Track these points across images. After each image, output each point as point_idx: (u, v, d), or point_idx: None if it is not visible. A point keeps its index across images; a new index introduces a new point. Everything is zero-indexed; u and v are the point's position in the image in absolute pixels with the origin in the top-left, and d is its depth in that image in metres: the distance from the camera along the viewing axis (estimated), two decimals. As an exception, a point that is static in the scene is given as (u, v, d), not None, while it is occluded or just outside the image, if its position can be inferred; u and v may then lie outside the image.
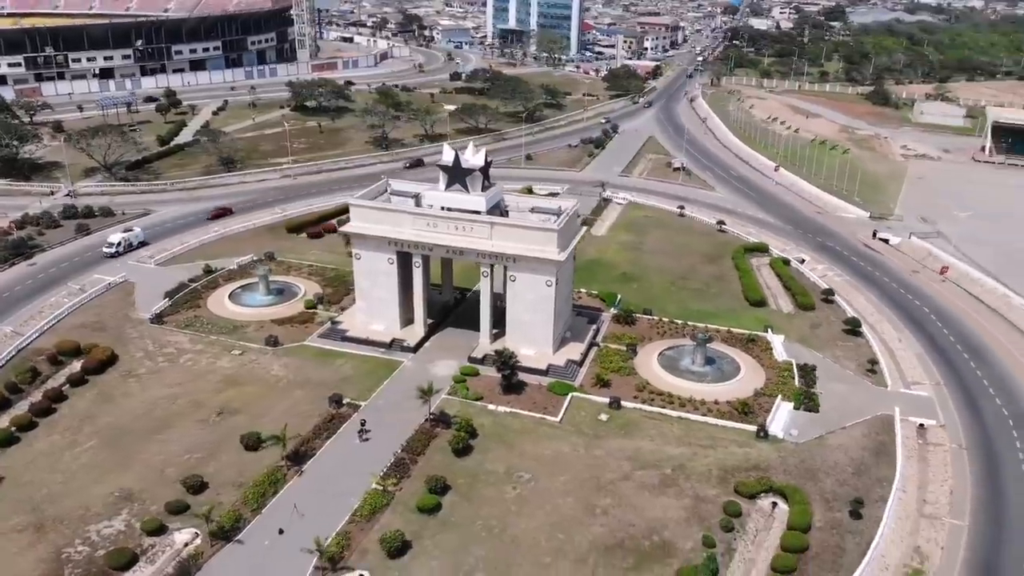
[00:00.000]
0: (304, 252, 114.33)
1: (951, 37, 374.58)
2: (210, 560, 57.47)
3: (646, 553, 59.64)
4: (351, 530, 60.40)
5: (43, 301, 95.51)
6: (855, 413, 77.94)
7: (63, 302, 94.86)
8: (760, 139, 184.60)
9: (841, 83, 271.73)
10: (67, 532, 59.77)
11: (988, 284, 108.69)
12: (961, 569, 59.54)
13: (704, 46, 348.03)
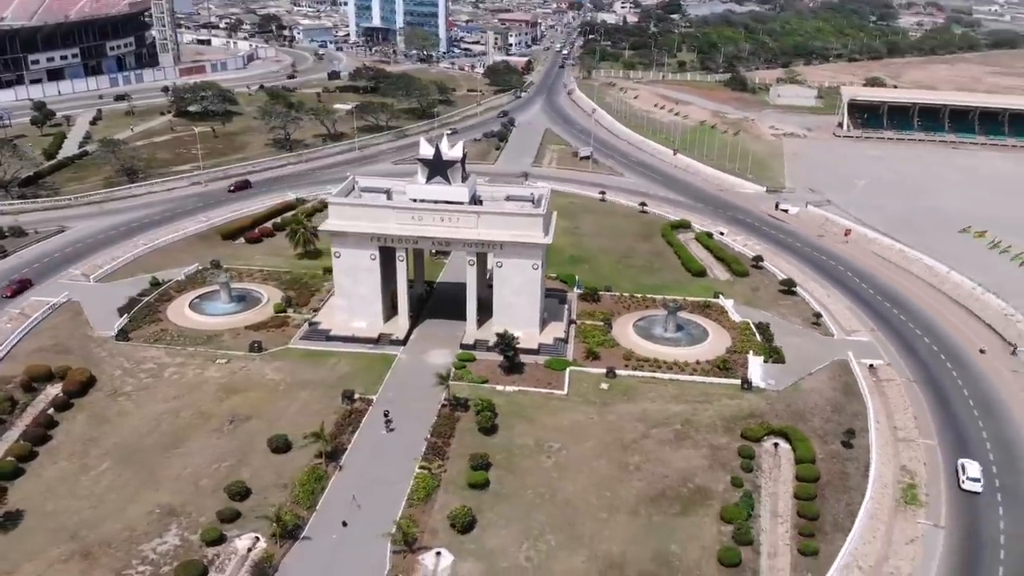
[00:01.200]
0: (249, 258, 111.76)
1: (781, 25, 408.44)
2: (283, 560, 57.56)
3: (687, 499, 65.34)
4: (413, 513, 62.14)
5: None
6: (815, 360, 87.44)
7: (7, 327, 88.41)
8: (647, 127, 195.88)
9: (698, 72, 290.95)
10: (119, 555, 57.79)
11: (885, 242, 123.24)
12: (944, 479, 69.53)
13: (564, 41, 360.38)
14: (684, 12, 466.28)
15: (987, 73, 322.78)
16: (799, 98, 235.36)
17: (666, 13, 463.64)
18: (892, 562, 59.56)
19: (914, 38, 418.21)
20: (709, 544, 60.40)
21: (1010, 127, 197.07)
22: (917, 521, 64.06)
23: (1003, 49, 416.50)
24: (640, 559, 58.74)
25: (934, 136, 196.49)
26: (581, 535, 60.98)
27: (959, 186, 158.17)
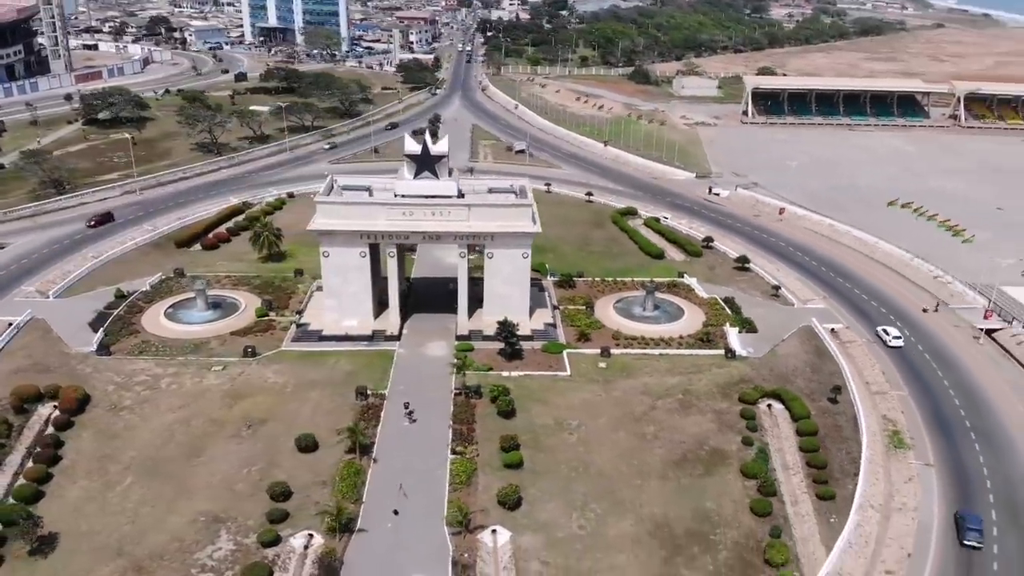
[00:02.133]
0: (211, 264, 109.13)
1: (667, 19, 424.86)
2: (346, 552, 58.26)
3: (707, 460, 70.06)
4: (459, 496, 63.91)
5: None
6: (783, 328, 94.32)
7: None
8: (569, 121, 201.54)
9: (600, 67, 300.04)
10: (175, 566, 57.01)
11: (815, 218, 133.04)
12: (923, 422, 77.35)
13: (464, 38, 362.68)
14: (572, 8, 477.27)
15: (861, 59, 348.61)
16: (701, 89, 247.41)
17: (555, 10, 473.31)
18: (898, 499, 66.21)
19: (788, 29, 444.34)
20: (739, 498, 65.29)
21: (898, 108, 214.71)
22: (909, 462, 71.20)
23: (870, 36, 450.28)
24: (682, 517, 62.89)
25: (831, 120, 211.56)
26: (622, 501, 64.57)
27: (866, 164, 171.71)
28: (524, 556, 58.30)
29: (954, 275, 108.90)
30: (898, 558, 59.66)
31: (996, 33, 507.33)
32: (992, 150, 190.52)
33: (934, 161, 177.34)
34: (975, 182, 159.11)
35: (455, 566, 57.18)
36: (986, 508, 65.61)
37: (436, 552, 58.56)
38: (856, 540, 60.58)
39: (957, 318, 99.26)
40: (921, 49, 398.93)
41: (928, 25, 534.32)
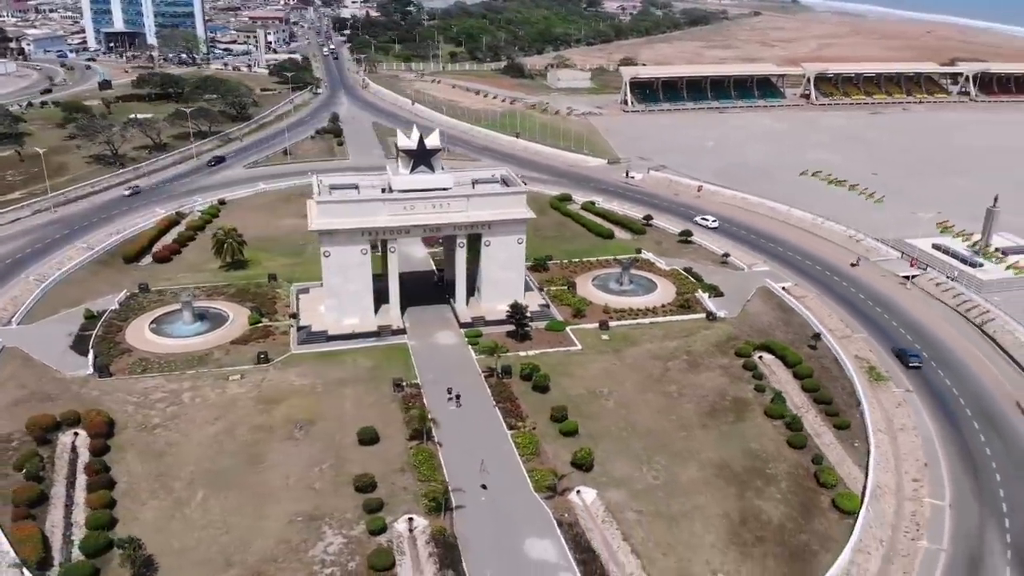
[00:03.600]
0: (172, 276, 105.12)
1: (515, 14, 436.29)
2: (453, 528, 60.64)
3: (733, 408, 77.79)
4: (534, 466, 67.72)
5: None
6: (744, 290, 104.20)
7: (-49, 387, 77.24)
8: (465, 116, 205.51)
9: (469, 62, 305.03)
10: (294, 566, 57.30)
11: (728, 193, 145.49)
12: (890, 359, 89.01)
13: (323, 37, 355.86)
14: (420, 5, 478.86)
15: (701, 48, 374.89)
16: (576, 81, 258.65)
17: (401, 7, 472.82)
18: (896, 422, 76.80)
19: (624, 22, 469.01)
20: (774, 436, 73.36)
21: (758, 90, 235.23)
22: (893, 391, 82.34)
23: (700, 26, 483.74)
24: (735, 458, 70.03)
25: (702, 104, 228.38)
26: (679, 451, 70.83)
27: (747, 142, 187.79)
28: (616, 509, 63.15)
29: (865, 232, 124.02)
30: (918, 468, 69.84)
31: (807, 18, 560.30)
32: (844, 124, 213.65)
33: (804, 136, 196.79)
34: (844, 152, 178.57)
35: (561, 526, 61.18)
36: (965, 421, 77.61)
37: (536, 517, 62.18)
38: (879, 459, 70.14)
39: (881, 269, 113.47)
40: (749, 36, 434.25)
41: (746, 13, 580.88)
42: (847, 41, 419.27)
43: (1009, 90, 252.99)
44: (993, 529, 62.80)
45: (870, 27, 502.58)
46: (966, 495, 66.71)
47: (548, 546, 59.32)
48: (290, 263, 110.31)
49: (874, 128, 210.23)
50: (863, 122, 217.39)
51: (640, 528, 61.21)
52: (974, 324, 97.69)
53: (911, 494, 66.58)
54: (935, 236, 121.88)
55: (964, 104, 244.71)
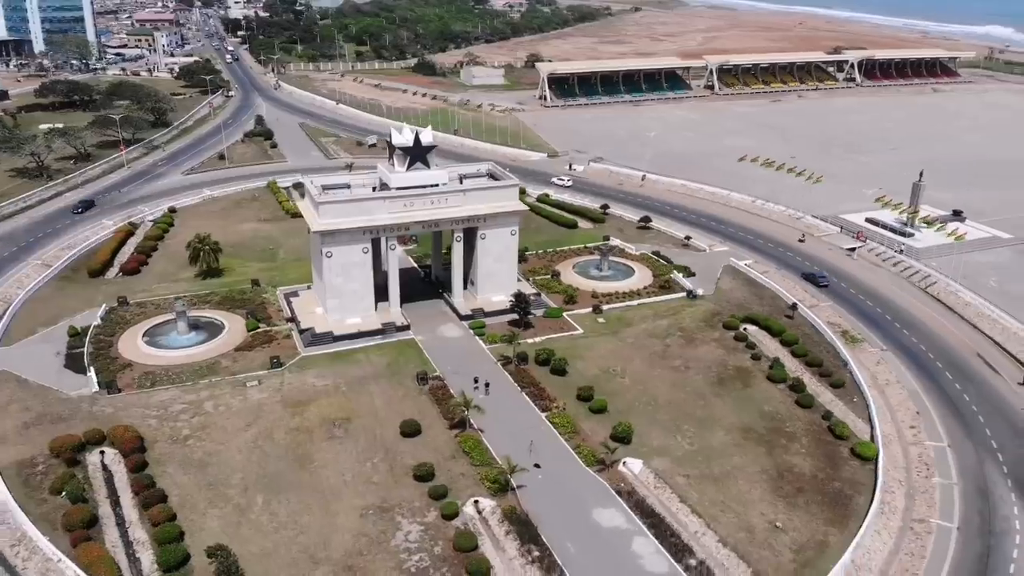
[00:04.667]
0: (148, 288, 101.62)
1: (409, 12, 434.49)
2: (522, 506, 63.13)
3: (738, 376, 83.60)
4: (577, 442, 71.04)
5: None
6: (712, 269, 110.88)
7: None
8: (391, 114, 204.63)
9: (375, 61, 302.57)
10: (381, 556, 58.49)
11: (667, 181, 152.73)
12: (858, 321, 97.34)
13: (214, 40, 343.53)
14: (308, 5, 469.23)
15: (595, 43, 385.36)
16: (490, 78, 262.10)
17: (289, 5, 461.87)
18: (880, 378, 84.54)
19: (516, 19, 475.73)
20: (782, 399, 79.53)
21: (666, 83, 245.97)
22: (870, 350, 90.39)
23: (588, 22, 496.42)
24: (754, 421, 75.69)
25: (616, 98, 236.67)
26: (703, 419, 75.79)
27: (668, 132, 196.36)
28: (665, 475, 67.31)
29: (804, 210, 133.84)
30: (912, 416, 77.47)
31: (686, 13, 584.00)
32: (751, 112, 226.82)
33: (718, 124, 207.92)
34: (759, 138, 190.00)
35: (620, 495, 64.79)
36: (939, 372, 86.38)
37: (594, 489, 65.57)
38: (877, 411, 77.50)
39: (826, 243, 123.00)
40: (637, 31, 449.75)
41: (628, 9, 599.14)
42: (729, 34, 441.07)
43: (890, 75, 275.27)
44: (991, 463, 70.98)
45: (745, 20, 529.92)
46: (959, 436, 74.87)
47: (614, 514, 62.86)
48: (266, 267, 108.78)
49: (778, 115, 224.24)
50: (766, 110, 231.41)
51: (692, 490, 65.66)
52: (919, 288, 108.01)
53: (912, 439, 74.04)
54: (868, 211, 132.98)
55: (851, 89, 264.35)
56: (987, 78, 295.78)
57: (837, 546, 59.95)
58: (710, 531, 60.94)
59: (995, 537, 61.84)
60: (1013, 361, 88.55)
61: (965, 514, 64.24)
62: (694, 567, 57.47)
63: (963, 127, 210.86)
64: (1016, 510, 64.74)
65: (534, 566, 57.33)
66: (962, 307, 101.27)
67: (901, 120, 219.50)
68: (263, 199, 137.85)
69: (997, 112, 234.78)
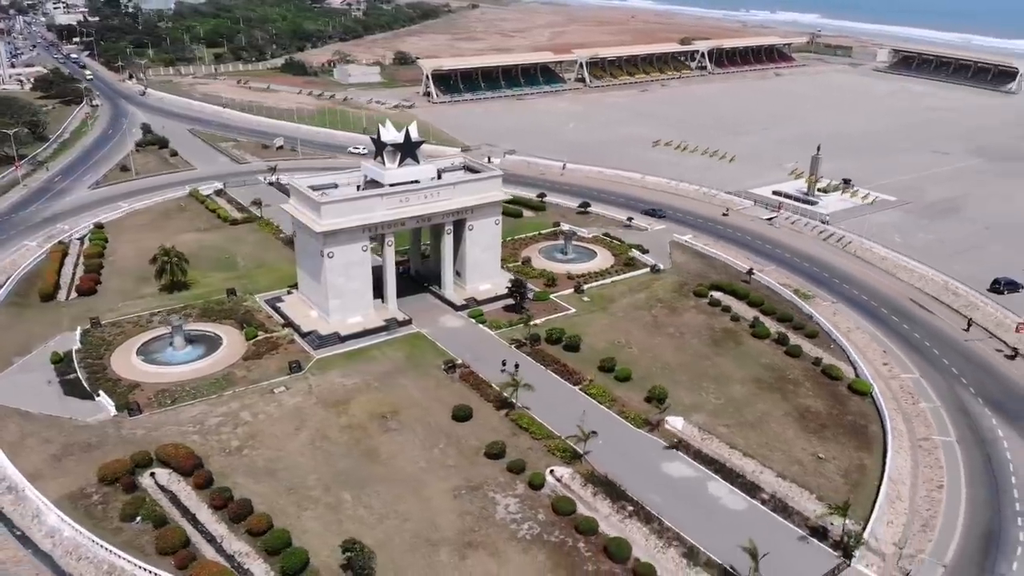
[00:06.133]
0: (115, 307, 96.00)
1: (250, 11, 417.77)
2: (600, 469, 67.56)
3: (728, 337, 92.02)
4: (621, 408, 76.30)
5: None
6: (662, 245, 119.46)
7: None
8: (281, 115, 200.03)
9: (235, 62, 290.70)
10: (495, 529, 61.29)
11: (586, 169, 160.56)
12: (802, 280, 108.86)
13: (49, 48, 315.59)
14: (139, 7, 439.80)
15: (450, 40, 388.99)
16: (366, 76, 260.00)
17: (114, 9, 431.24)
18: (842, 326, 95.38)
19: (363, 18, 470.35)
20: (774, 351, 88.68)
21: (542, 77, 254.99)
22: (823, 303, 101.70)
23: (431, 19, 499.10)
24: (760, 372, 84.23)
25: (498, 93, 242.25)
26: (716, 376, 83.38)
27: (562, 123, 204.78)
28: (707, 428, 74.05)
29: (716, 188, 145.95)
30: (881, 355, 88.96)
31: (523, 9, 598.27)
32: (626, 102, 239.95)
33: (602, 114, 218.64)
34: (646, 125, 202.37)
35: (678, 448, 70.69)
36: (887, 317, 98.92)
37: (652, 446, 71.22)
38: (854, 352, 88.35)
39: (747, 216, 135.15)
40: (486, 28, 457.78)
41: (466, 6, 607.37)
42: (571, 28, 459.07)
43: (735, 62, 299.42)
44: (959, 387, 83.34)
45: (581, 16, 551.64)
46: (926, 368, 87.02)
47: (680, 466, 68.85)
48: (231, 276, 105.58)
49: (651, 103, 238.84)
50: (638, 99, 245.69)
51: (736, 437, 72.84)
52: (838, 247, 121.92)
53: (888, 374, 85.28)
54: (773, 184, 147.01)
55: (704, 77, 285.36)
56: (817, 61, 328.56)
57: (873, 467, 69.26)
58: (767, 469, 68.27)
59: (988, 445, 73.48)
60: (937, 302, 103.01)
61: (958, 429, 75.68)
62: (767, 500, 64.59)
63: (815, 106, 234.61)
64: (994, 422, 76.98)
65: (632, 519, 62.19)
66: (879, 261, 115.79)
67: (760, 102, 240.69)
68: (191, 208, 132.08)
69: (837, 92, 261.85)
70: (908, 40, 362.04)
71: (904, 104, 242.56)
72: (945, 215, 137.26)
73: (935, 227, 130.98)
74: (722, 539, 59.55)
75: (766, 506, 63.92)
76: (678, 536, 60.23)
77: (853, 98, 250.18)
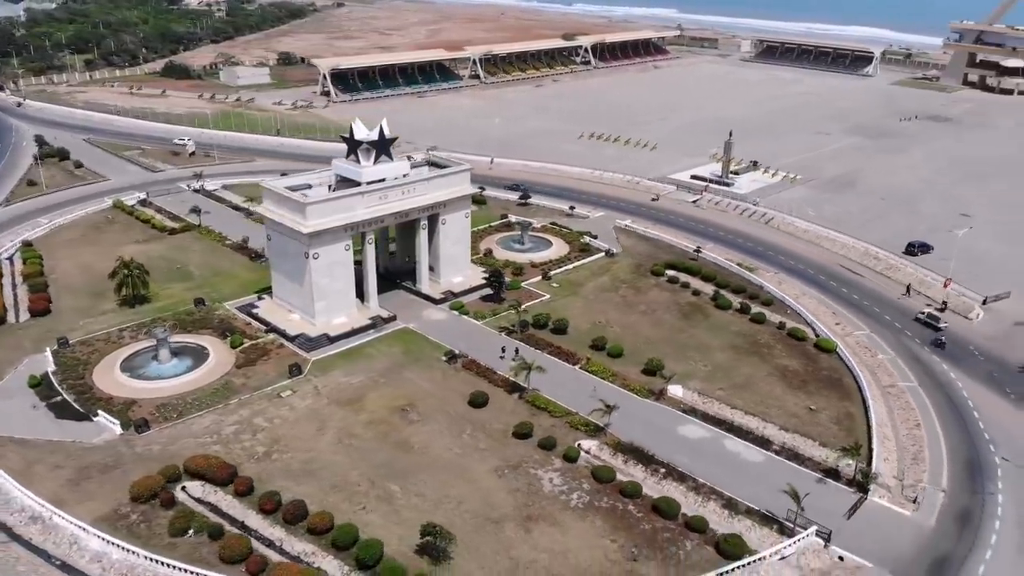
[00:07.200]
0: (76, 325, 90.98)
1: (110, 15, 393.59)
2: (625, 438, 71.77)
3: (695, 310, 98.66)
4: (625, 382, 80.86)
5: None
6: (607, 230, 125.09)
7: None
8: (181, 120, 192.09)
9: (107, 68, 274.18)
10: (547, 501, 64.34)
11: (510, 163, 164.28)
12: (738, 255, 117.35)
13: None
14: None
15: (326, 39, 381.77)
16: (255, 77, 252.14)
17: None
18: (789, 292, 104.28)
19: (225, 19, 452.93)
20: (737, 320, 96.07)
21: (439, 74, 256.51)
22: (768, 274, 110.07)
23: (299, 19, 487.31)
24: (733, 339, 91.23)
25: (398, 91, 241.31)
26: (696, 346, 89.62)
27: (469, 119, 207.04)
28: (705, 393, 79.81)
29: (637, 175, 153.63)
30: (831, 315, 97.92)
31: (389, 8, 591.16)
32: (523, 97, 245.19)
33: (506, 110, 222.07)
34: (551, 119, 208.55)
35: (687, 413, 76.16)
36: (826, 283, 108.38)
37: (663, 414, 76.38)
38: (809, 315, 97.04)
39: (673, 199, 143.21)
40: (360, 27, 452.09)
41: (331, 5, 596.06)
42: (446, 26, 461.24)
43: (616, 56, 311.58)
44: (905, 339, 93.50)
45: (452, 13, 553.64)
46: (872, 323, 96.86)
47: (694, 428, 74.33)
48: (191, 286, 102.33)
49: (547, 97, 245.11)
50: (535, 94, 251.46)
51: (734, 398, 79.08)
52: (762, 223, 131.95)
53: (843, 332, 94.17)
54: (689, 169, 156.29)
55: (589, 71, 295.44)
56: (688, 53, 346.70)
57: (858, 414, 77.30)
58: (770, 424, 74.83)
59: (946, 388, 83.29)
60: (862, 267, 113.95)
61: (916, 376, 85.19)
62: (780, 451, 71.03)
63: (699, 94, 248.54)
64: (945, 367, 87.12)
65: (668, 479, 66.87)
66: (802, 233, 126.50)
67: (649, 93, 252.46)
68: (120, 220, 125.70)
69: (713, 81, 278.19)
70: (758, 32, 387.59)
71: (776, 90, 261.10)
72: (844, 189, 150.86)
73: (838, 200, 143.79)
74: (752, 489, 65.43)
75: (780, 456, 70.34)
76: (713, 490, 65.49)
77: (728, 86, 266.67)
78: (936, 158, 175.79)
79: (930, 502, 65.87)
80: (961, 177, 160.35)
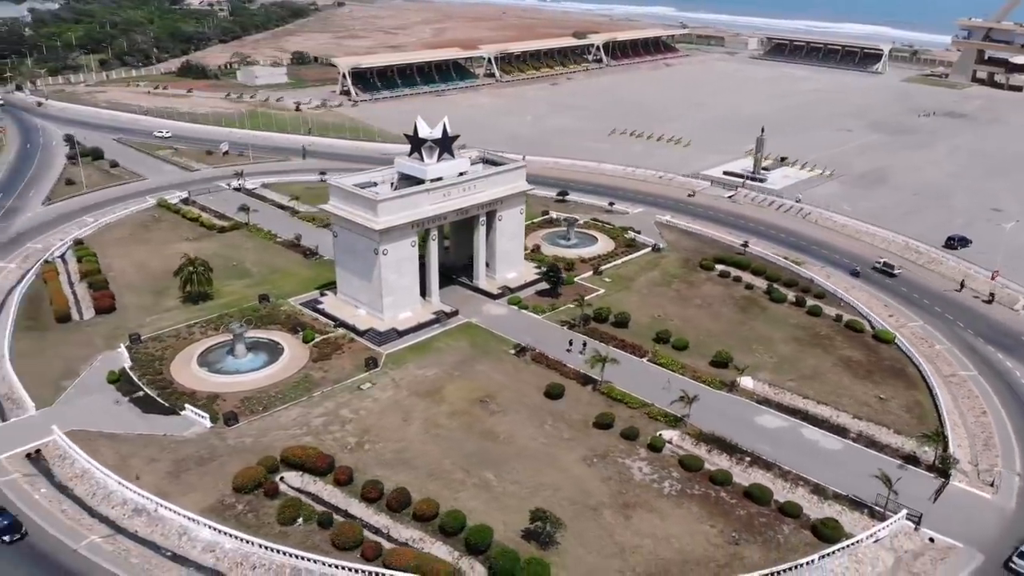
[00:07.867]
0: (143, 323, 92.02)
1: (115, 15, 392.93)
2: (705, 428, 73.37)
3: (750, 304, 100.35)
4: (692, 370, 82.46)
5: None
6: (649, 226, 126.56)
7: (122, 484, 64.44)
8: (206, 119, 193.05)
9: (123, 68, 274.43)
10: (638, 489, 65.90)
11: (541, 160, 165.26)
12: (779, 246, 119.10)
13: None
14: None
15: (332, 39, 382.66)
16: (274, 77, 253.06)
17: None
18: (839, 285, 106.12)
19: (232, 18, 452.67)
20: (795, 312, 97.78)
21: (455, 73, 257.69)
22: (814, 267, 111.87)
23: (302, 18, 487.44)
24: (794, 332, 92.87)
25: (416, 90, 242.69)
26: (758, 338, 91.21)
27: (491, 118, 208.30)
28: (776, 384, 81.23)
29: (671, 172, 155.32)
30: (884, 308, 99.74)
31: (389, 7, 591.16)
32: (542, 95, 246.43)
33: (526, 107, 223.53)
34: (573, 117, 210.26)
35: (763, 404, 77.82)
36: (871, 275, 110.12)
37: (736, 404, 77.85)
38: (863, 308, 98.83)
39: (709, 195, 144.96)
40: (364, 26, 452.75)
41: (331, 4, 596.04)
42: (450, 25, 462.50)
43: (627, 54, 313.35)
44: (959, 330, 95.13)
45: (452, 12, 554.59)
46: (926, 316, 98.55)
47: (771, 418, 76.00)
48: (251, 283, 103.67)
49: (566, 95, 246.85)
50: (552, 92, 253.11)
51: (805, 388, 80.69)
52: (800, 218, 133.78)
53: (898, 324, 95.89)
54: (723, 165, 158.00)
55: (602, 69, 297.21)
56: (696, 51, 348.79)
57: (926, 402, 79.10)
58: (843, 413, 76.50)
59: (1004, 375, 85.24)
60: (905, 260, 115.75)
61: (975, 365, 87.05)
62: (857, 438, 72.76)
63: (714, 91, 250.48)
64: (1000, 356, 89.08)
65: (754, 467, 68.49)
66: (841, 228, 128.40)
67: (665, 90, 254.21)
68: (167, 219, 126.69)
69: (726, 78, 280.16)
70: (758, 30, 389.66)
71: (788, 87, 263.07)
72: (875, 185, 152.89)
73: (871, 195, 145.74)
74: (835, 475, 67.17)
75: (858, 443, 72.08)
76: (800, 477, 67.16)
77: (740, 83, 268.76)
78: (958, 154, 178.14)
79: (1007, 485, 67.70)
80: (986, 172, 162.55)
